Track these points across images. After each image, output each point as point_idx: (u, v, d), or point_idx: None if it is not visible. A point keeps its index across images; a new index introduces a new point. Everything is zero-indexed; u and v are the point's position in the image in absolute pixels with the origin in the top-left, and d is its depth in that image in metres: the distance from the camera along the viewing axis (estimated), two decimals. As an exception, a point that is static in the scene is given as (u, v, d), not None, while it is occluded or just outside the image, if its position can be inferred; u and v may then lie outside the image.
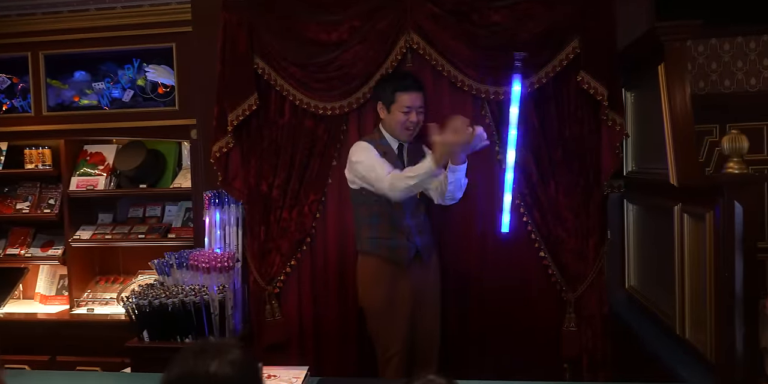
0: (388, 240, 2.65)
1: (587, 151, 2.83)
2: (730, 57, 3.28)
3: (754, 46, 3.24)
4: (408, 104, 2.59)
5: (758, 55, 3.22)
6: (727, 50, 3.22)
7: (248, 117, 3.01)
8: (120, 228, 3.71)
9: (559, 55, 2.78)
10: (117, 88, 3.61)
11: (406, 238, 2.63)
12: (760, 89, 3.27)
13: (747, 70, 3.37)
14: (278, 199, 3.04)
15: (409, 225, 2.64)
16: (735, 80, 3.17)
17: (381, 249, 2.67)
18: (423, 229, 2.68)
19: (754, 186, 1.78)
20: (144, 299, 2.88)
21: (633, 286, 2.87)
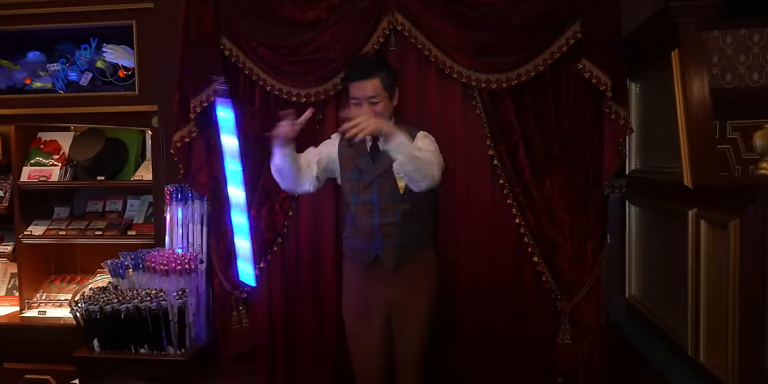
0: (351, 240, 2.41)
1: (587, 147, 2.57)
2: (732, 50, 3.03)
3: (757, 40, 3.00)
4: (354, 95, 2.29)
5: (761, 49, 2.97)
6: (730, 43, 2.96)
7: (214, 104, 2.70)
8: (76, 223, 3.40)
9: (557, 41, 2.52)
10: (74, 70, 3.28)
11: (367, 240, 2.33)
12: (762, 85, 3.04)
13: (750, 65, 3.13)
14: (247, 196, 2.75)
15: (372, 225, 2.32)
16: (737, 75, 2.92)
17: (349, 250, 2.45)
18: (395, 232, 2.32)
19: (789, 191, 1.52)
20: (95, 304, 2.60)
21: (634, 296, 2.63)
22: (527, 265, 2.67)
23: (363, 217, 2.33)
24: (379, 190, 2.30)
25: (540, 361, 2.66)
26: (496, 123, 2.60)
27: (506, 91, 2.57)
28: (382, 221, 2.31)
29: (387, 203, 2.31)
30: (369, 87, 2.26)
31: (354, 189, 2.34)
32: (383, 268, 2.34)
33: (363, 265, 2.37)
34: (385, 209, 2.31)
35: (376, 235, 2.31)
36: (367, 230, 2.32)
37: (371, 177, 2.30)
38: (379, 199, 2.30)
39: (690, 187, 1.94)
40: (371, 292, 2.36)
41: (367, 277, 2.37)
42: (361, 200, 2.30)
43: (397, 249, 2.32)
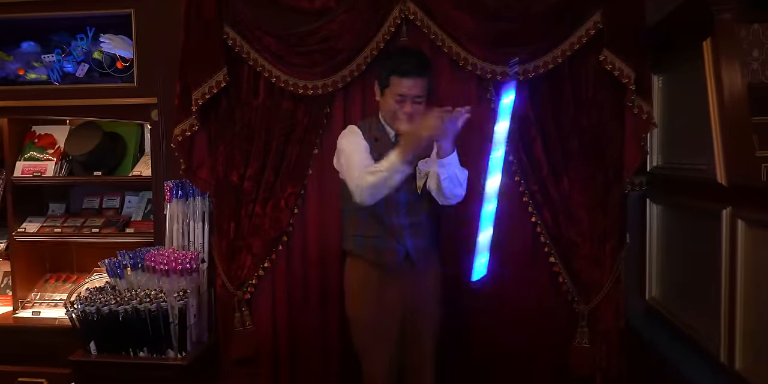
0: (374, 239, 2.25)
1: (607, 143, 2.46)
2: (747, 44, 2.91)
3: None
4: (401, 92, 2.11)
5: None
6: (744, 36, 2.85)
7: (216, 96, 2.60)
8: (72, 220, 3.28)
9: (578, 31, 2.40)
10: (69, 61, 3.16)
11: (395, 239, 2.22)
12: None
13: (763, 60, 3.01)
14: (251, 191, 2.65)
15: (400, 224, 2.22)
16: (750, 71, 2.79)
17: (366, 249, 2.28)
18: (419, 230, 2.25)
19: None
20: (91, 305, 2.48)
21: (654, 298, 2.52)
22: (543, 265, 2.56)
23: (391, 216, 2.20)
24: (406, 188, 2.17)
25: (556, 365, 2.56)
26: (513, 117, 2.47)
27: (523, 83, 2.44)
28: (410, 221, 2.21)
29: (412, 202, 2.21)
30: (420, 85, 2.11)
31: None
32: (410, 268, 2.24)
33: (385, 266, 2.24)
34: (411, 208, 2.21)
35: (405, 235, 2.21)
36: (397, 229, 2.20)
37: None
38: (406, 197, 2.19)
39: (724, 184, 1.83)
40: (386, 295, 2.23)
41: (380, 279, 2.25)
42: (390, 198, 2.16)
43: (422, 250, 2.25)
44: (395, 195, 2.17)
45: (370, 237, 2.26)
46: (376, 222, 2.23)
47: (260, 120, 2.62)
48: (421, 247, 2.26)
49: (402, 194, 2.19)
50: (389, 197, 2.16)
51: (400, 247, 2.22)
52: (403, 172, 2.00)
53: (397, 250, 2.22)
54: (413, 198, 2.22)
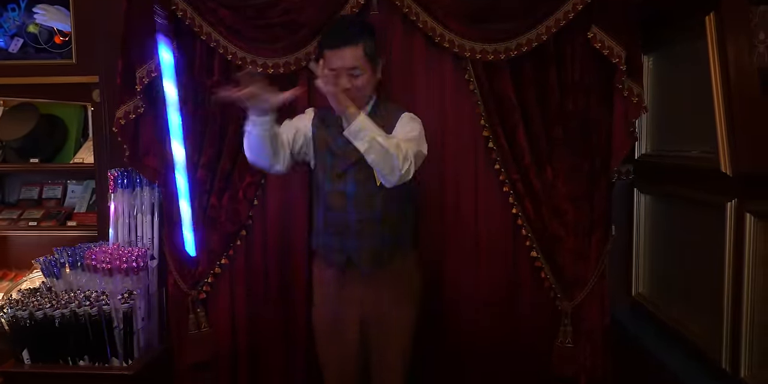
0: (323, 236, 2.03)
1: (594, 129, 2.28)
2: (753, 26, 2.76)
3: None
4: (331, 66, 1.87)
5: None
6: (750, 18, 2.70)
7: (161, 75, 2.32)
8: (8, 212, 2.97)
9: (564, 6, 2.20)
10: (0, 34, 2.83)
11: (338, 238, 1.98)
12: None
13: None
14: (205, 181, 2.40)
15: (348, 220, 1.96)
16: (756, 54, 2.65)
17: (317, 247, 2.09)
18: (374, 229, 1.96)
19: None
20: (23, 310, 2.20)
21: (641, 294, 2.37)
22: (524, 260, 2.38)
23: (336, 210, 1.96)
24: (355, 179, 1.94)
25: (538, 366, 2.39)
26: (493, 100, 2.28)
27: (504, 63, 2.25)
28: (358, 216, 1.95)
29: (364, 196, 1.94)
30: (350, 56, 1.86)
31: (327, 176, 1.97)
32: (355, 273, 1.99)
33: (335, 267, 2.02)
34: (361, 203, 1.94)
35: (350, 233, 1.95)
36: (341, 227, 1.96)
37: (346, 163, 1.93)
38: (355, 190, 1.94)
39: (729, 174, 1.66)
40: (343, 297, 2.02)
41: (339, 283, 2.02)
42: (335, 189, 1.94)
43: (373, 251, 1.97)
44: (342, 186, 1.95)
45: (321, 234, 2.05)
46: (325, 217, 2.01)
47: (215, 101, 2.35)
48: (367, 248, 1.98)
49: (349, 186, 1.96)
50: (335, 188, 1.95)
51: (343, 248, 1.99)
52: (253, 124, 1.80)
53: (341, 251, 1.99)
54: (363, 191, 1.96)
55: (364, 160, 1.81)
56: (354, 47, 1.87)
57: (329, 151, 1.96)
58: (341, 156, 1.94)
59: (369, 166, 1.83)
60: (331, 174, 1.96)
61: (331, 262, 2.02)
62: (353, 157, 1.88)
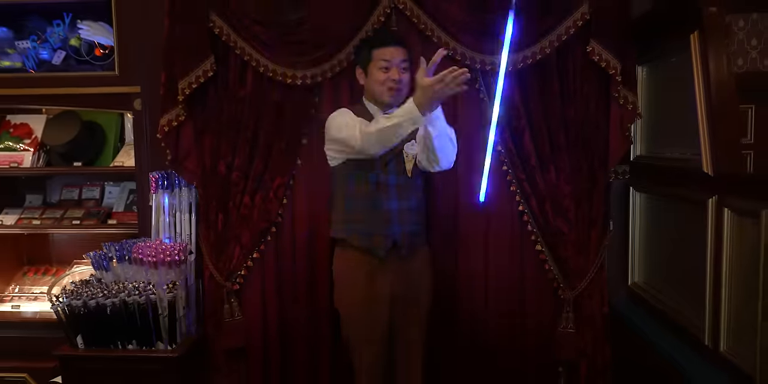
0: (362, 225, 2.23)
1: (593, 133, 2.51)
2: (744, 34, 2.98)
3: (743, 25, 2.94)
4: (386, 58, 2.17)
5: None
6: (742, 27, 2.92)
7: (203, 85, 2.58)
8: (51, 212, 3.20)
9: (565, 22, 2.44)
10: (45, 48, 3.07)
11: (384, 225, 2.21)
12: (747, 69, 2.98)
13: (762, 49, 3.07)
14: (238, 182, 2.63)
15: (390, 210, 2.21)
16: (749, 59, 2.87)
17: (354, 236, 2.27)
18: (409, 217, 2.24)
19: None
20: (78, 299, 2.44)
21: (637, 283, 2.60)
22: (530, 253, 2.61)
23: (381, 199, 2.19)
24: (396, 170, 2.19)
25: (541, 349, 2.62)
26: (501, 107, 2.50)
27: (511, 73, 2.47)
28: (400, 205, 2.20)
29: (402, 185, 2.20)
30: (402, 52, 2.20)
31: (368, 168, 2.18)
32: (398, 256, 2.23)
33: (373, 253, 2.23)
34: (401, 192, 2.20)
35: (394, 220, 2.20)
36: (386, 215, 2.19)
37: (387, 157, 2.17)
38: (396, 180, 2.19)
39: (710, 174, 1.89)
40: (375, 283, 2.24)
41: (370, 267, 2.24)
42: (380, 180, 2.17)
43: (412, 236, 2.24)
44: (384, 178, 2.18)
45: (359, 223, 2.24)
46: (364, 207, 2.22)
47: (248, 110, 2.59)
48: (408, 232, 2.25)
49: (391, 177, 2.19)
50: (378, 181, 2.18)
51: (388, 233, 2.21)
52: (415, 124, 1.97)
53: (386, 237, 2.22)
54: (402, 181, 2.21)
55: (400, 154, 2.10)
56: (401, 47, 2.20)
57: None
58: None
59: (401, 160, 2.13)
60: (372, 167, 2.17)
61: (374, 248, 2.21)
62: (391, 152, 2.14)
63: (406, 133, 2.01)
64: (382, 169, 2.19)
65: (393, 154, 2.17)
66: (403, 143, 2.17)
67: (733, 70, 2.26)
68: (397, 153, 2.17)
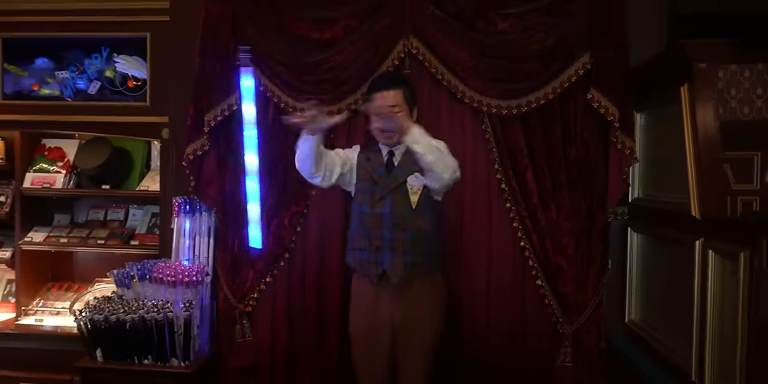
0: (359, 252, 2.36)
1: (592, 175, 2.64)
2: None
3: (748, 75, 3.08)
4: (378, 103, 2.30)
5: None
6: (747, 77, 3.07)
7: (227, 118, 2.75)
8: (78, 231, 3.38)
9: (568, 70, 2.60)
10: (82, 78, 3.29)
11: (375, 253, 2.32)
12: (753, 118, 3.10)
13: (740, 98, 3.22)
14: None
15: (383, 238, 2.31)
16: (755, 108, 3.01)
17: (353, 262, 2.40)
18: (404, 247, 2.30)
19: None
20: (100, 314, 2.59)
21: (633, 321, 2.69)
22: (530, 287, 2.72)
23: (374, 229, 2.32)
24: (392, 203, 2.32)
25: (541, 382, 2.70)
26: (506, 147, 2.66)
27: (516, 117, 2.64)
28: (393, 235, 2.30)
29: (399, 218, 2.31)
30: (392, 96, 2.30)
31: (368, 200, 2.34)
32: (390, 284, 2.32)
33: (370, 280, 2.35)
34: (396, 224, 2.31)
35: (385, 249, 2.31)
36: (377, 243, 2.32)
37: (386, 190, 2.32)
38: (392, 212, 2.31)
39: (697, 217, 2.01)
40: (378, 309, 2.35)
41: (375, 293, 2.36)
42: (374, 212, 2.32)
43: (405, 266, 2.30)
44: (381, 210, 2.32)
45: (357, 250, 2.37)
46: (362, 236, 2.35)
47: (268, 142, 2.77)
48: (403, 262, 2.31)
49: (386, 209, 2.32)
50: (374, 211, 2.32)
51: (378, 261, 2.32)
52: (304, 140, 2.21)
53: (377, 264, 2.32)
54: (399, 213, 2.32)
55: (400, 188, 2.26)
56: (395, 90, 2.31)
57: (371, 179, 2.34)
58: (381, 184, 2.32)
59: (404, 193, 2.27)
60: (372, 199, 2.33)
61: (366, 275, 2.35)
62: (392, 185, 2.31)
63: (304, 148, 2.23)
64: (378, 202, 2.32)
65: (388, 189, 2.32)
66: (405, 175, 2.31)
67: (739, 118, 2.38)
68: (395, 187, 2.31)
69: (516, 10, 2.58)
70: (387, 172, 2.34)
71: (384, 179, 2.34)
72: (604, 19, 2.54)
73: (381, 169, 2.35)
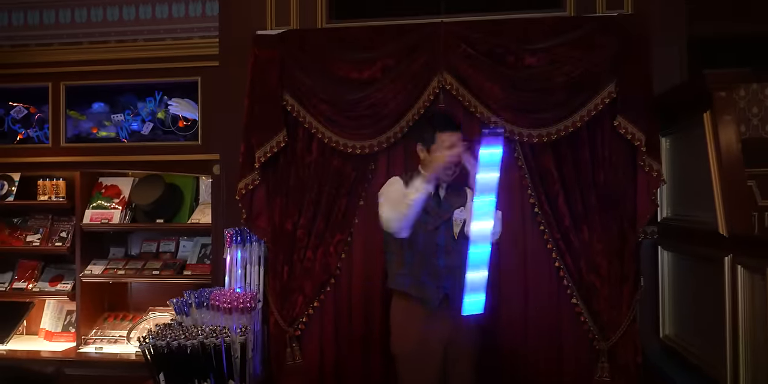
0: (416, 278, 2.51)
1: (622, 197, 2.78)
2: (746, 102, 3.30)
3: None
4: (448, 144, 2.46)
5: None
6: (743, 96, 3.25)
7: (275, 154, 2.96)
8: (133, 263, 3.60)
9: (594, 99, 2.76)
10: (137, 120, 3.56)
11: (435, 280, 2.50)
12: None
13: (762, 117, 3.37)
14: (303, 238, 2.97)
15: (439, 265, 2.50)
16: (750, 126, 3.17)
17: (409, 287, 2.53)
18: (457, 273, 2.48)
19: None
20: (162, 340, 2.76)
21: (668, 335, 2.79)
22: (566, 306, 2.84)
23: (431, 257, 2.49)
24: (444, 233, 2.49)
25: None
26: (538, 174, 2.82)
27: (547, 144, 2.80)
28: (447, 263, 2.48)
29: (450, 246, 2.49)
30: (460, 137, 2.48)
31: (422, 230, 2.49)
32: (448, 308, 2.48)
33: (427, 304, 2.50)
34: (448, 252, 2.49)
35: (443, 276, 2.48)
36: (435, 270, 2.48)
37: (439, 221, 2.49)
38: (444, 241, 2.49)
39: (725, 235, 2.14)
40: (432, 331, 2.49)
41: (426, 316, 2.50)
42: (428, 241, 2.48)
43: (460, 290, 2.44)
44: (434, 238, 2.49)
45: (414, 276, 2.52)
46: (419, 263, 2.51)
47: (313, 175, 2.96)
48: (458, 288, 2.48)
49: (440, 238, 2.49)
50: (429, 241, 2.48)
51: (440, 288, 2.50)
52: (424, 192, 2.35)
53: (437, 290, 2.50)
54: (450, 243, 2.51)
55: (449, 219, 2.43)
56: (460, 132, 2.50)
57: (424, 210, 2.47)
58: (434, 214, 2.49)
59: (451, 225, 2.45)
60: (425, 228, 2.48)
61: (427, 299, 2.49)
62: (444, 216, 2.48)
63: (419, 202, 2.34)
64: (433, 232, 2.49)
65: (442, 220, 2.49)
66: (452, 210, 2.49)
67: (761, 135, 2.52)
68: (446, 219, 2.49)
69: (543, 45, 2.77)
70: (437, 205, 2.51)
71: (436, 211, 2.51)
72: (628, 51, 2.71)
73: (432, 202, 2.51)
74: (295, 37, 2.99)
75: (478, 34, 2.83)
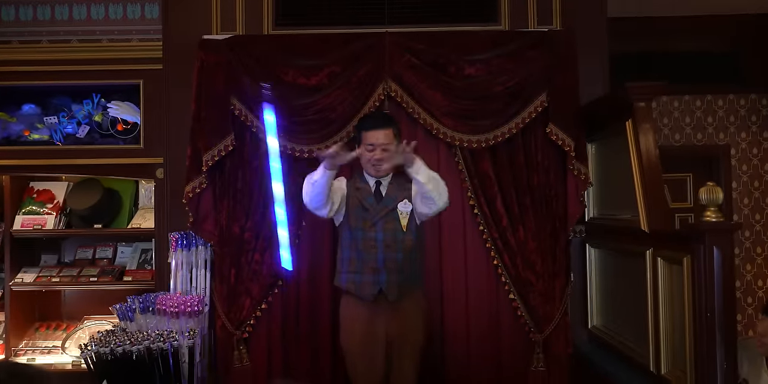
0: (353, 274, 2.60)
1: (553, 199, 3.00)
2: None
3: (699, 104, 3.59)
4: (370, 142, 2.56)
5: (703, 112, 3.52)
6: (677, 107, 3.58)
7: (222, 157, 2.98)
8: (68, 270, 3.50)
9: (528, 108, 2.97)
10: (72, 123, 3.47)
11: (371, 274, 2.57)
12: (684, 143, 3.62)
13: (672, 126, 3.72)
14: (250, 241, 3.00)
15: (377, 259, 2.57)
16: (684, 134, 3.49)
17: (347, 283, 2.62)
18: (397, 267, 2.56)
19: (729, 233, 1.97)
20: (106, 346, 2.71)
21: (596, 326, 3.03)
22: (504, 301, 3.02)
23: (368, 252, 2.57)
24: (384, 228, 2.58)
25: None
26: (477, 177, 3.00)
27: (485, 149, 2.98)
28: (386, 257, 2.57)
29: (391, 241, 2.57)
30: (383, 135, 2.56)
31: (360, 226, 2.60)
32: (384, 301, 2.57)
33: (366, 299, 2.58)
34: (388, 246, 2.57)
35: (380, 270, 2.56)
36: (372, 265, 2.56)
37: (377, 216, 2.59)
38: (384, 236, 2.58)
39: (646, 231, 2.38)
40: (373, 325, 2.58)
41: (369, 311, 2.59)
42: (367, 237, 2.58)
43: (398, 284, 2.56)
44: (374, 234, 2.58)
45: (351, 273, 2.61)
46: (356, 258, 2.60)
47: (260, 178, 3.00)
48: (395, 282, 2.57)
49: (379, 233, 2.59)
50: (367, 237, 2.58)
51: (375, 282, 2.57)
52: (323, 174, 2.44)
53: (373, 284, 2.57)
54: (391, 237, 2.59)
55: (389, 214, 2.54)
56: (387, 129, 2.59)
57: (362, 206, 2.59)
58: (372, 211, 2.59)
59: (393, 217, 2.55)
60: (364, 225, 2.58)
61: (363, 294, 2.58)
62: (382, 211, 2.58)
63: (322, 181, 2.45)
64: (371, 227, 2.59)
65: (380, 216, 2.59)
66: (394, 204, 2.60)
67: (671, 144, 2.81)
68: (385, 213, 2.59)
69: (482, 57, 2.96)
70: (377, 201, 2.62)
71: (375, 207, 2.61)
72: (557, 64, 2.94)
73: (371, 198, 2.62)
74: (243, 43, 3.03)
75: (422, 45, 2.98)
